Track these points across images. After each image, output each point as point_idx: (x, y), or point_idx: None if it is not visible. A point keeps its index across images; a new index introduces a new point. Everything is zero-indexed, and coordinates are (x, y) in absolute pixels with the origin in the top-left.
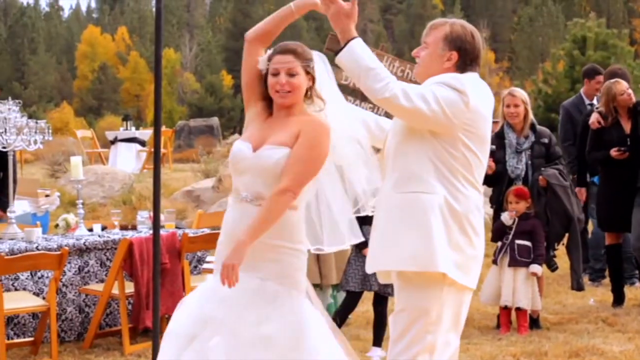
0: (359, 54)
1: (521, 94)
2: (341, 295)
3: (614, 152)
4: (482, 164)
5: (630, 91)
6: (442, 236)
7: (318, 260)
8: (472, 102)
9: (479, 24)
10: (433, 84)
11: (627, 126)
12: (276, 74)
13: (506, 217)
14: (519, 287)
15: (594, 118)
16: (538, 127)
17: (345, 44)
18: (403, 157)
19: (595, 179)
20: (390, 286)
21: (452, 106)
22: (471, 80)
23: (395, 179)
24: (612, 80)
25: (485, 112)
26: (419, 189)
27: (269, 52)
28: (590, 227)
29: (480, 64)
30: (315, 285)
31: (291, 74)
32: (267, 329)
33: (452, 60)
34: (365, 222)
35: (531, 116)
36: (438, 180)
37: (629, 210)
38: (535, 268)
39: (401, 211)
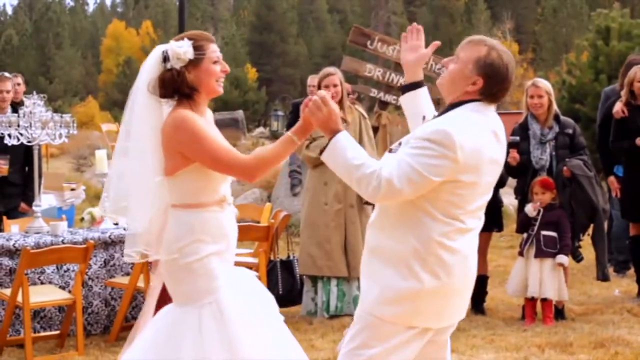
0: (339, 152)
1: (545, 84)
2: None
3: (639, 140)
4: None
5: None
6: None
7: (346, 252)
8: (460, 157)
9: (502, 16)
10: (417, 147)
11: None
12: (217, 60)
13: (530, 209)
14: (546, 278)
15: (617, 107)
16: (562, 117)
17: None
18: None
19: (617, 170)
20: None
21: (438, 173)
22: (466, 128)
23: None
24: (638, 67)
25: (479, 157)
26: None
27: (190, 41)
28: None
29: (506, 95)
30: (342, 278)
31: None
32: None
33: (477, 85)
34: None
35: (555, 107)
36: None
37: None
38: (562, 258)
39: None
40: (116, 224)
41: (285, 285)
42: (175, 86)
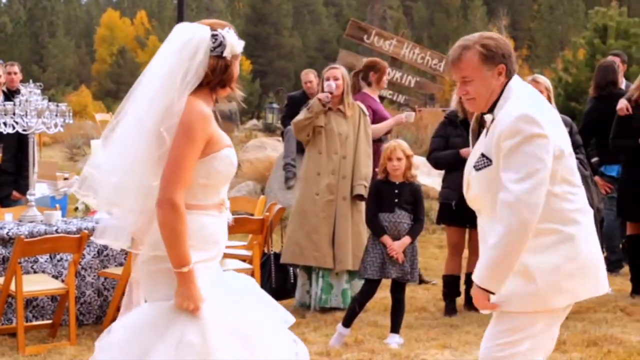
0: (485, 276)
1: (544, 81)
2: (357, 282)
3: None
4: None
5: None
6: None
7: (333, 245)
8: (547, 131)
9: (498, 12)
10: (514, 149)
11: None
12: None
13: None
14: None
15: (622, 104)
16: (559, 115)
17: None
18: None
19: (606, 169)
20: (409, 273)
21: (547, 158)
22: (530, 100)
23: None
24: None
25: (554, 118)
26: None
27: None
28: None
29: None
30: (329, 270)
31: None
32: None
33: (503, 72)
34: (381, 209)
35: (553, 104)
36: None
37: None
38: None
39: None
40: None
41: (278, 278)
42: (224, 77)
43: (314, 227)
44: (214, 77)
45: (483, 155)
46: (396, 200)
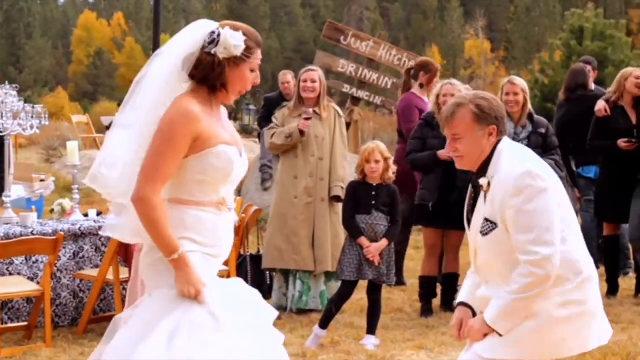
0: (497, 316)
1: (520, 82)
2: (333, 283)
3: (622, 142)
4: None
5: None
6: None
7: (313, 246)
8: (549, 183)
9: (475, 13)
10: (525, 207)
11: (632, 116)
12: (254, 69)
13: None
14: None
15: (600, 105)
16: (535, 116)
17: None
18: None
19: (583, 170)
20: (385, 274)
21: (551, 209)
22: (525, 156)
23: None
24: (631, 68)
25: (548, 168)
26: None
27: (244, 37)
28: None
29: None
30: (308, 272)
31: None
32: None
33: (494, 132)
34: (358, 210)
35: (529, 106)
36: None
37: (628, 201)
38: None
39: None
40: (86, 214)
41: (255, 279)
42: (208, 74)
43: (293, 230)
44: (197, 72)
45: (487, 219)
46: (373, 202)
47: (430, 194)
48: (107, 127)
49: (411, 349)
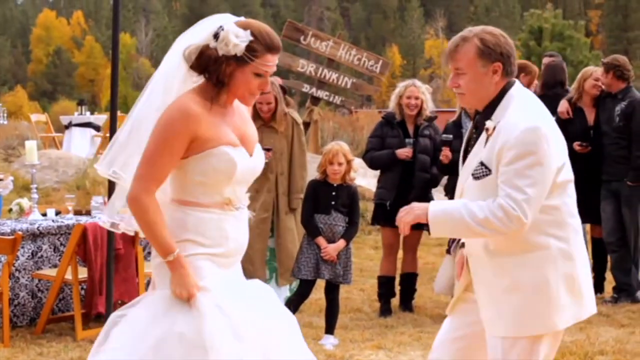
0: (442, 218)
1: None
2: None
3: (576, 146)
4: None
5: (599, 83)
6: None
7: (281, 258)
8: (552, 146)
9: (435, 13)
10: (514, 167)
11: (590, 117)
12: (262, 74)
13: None
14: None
15: (563, 107)
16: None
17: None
18: None
19: None
20: (341, 275)
21: (544, 181)
22: (535, 110)
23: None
24: (591, 67)
25: (557, 131)
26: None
27: (251, 37)
28: None
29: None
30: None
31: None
32: None
33: (499, 71)
34: (318, 210)
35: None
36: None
37: (594, 201)
38: None
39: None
40: (44, 214)
41: None
42: (207, 68)
43: (249, 244)
44: (198, 65)
45: (482, 164)
46: (333, 203)
47: (388, 193)
48: (67, 127)
49: (370, 349)
